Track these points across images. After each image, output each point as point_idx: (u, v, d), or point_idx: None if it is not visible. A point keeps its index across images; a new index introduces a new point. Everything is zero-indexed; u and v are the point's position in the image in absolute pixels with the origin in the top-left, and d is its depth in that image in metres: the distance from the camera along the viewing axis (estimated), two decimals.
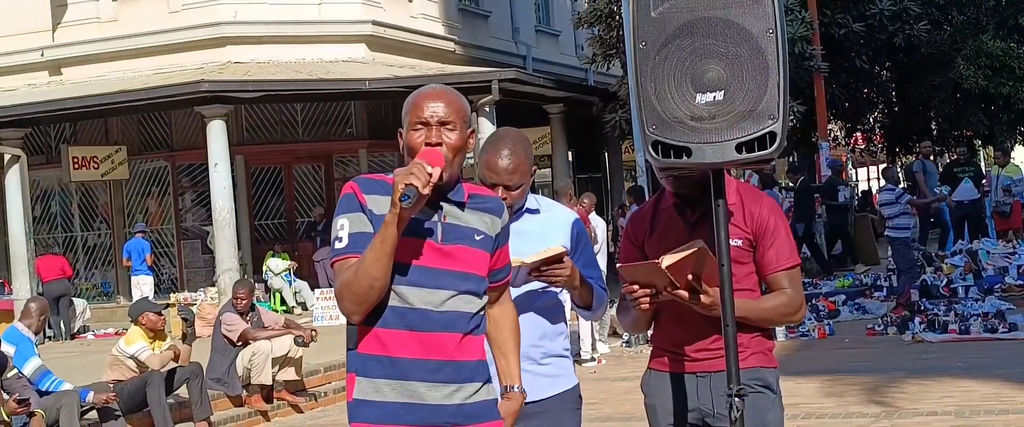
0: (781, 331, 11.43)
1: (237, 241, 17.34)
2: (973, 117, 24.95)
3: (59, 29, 19.93)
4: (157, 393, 9.27)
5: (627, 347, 12.52)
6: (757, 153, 3.23)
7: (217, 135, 16.79)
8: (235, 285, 11.02)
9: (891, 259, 14.76)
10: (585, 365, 11.43)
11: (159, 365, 9.45)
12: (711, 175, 3.36)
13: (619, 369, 11.31)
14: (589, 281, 3.69)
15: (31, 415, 8.25)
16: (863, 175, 42.91)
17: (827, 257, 18.21)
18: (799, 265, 3.64)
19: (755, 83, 3.22)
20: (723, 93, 3.24)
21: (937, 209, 17.95)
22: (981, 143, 30.23)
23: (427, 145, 3.01)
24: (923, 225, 19.57)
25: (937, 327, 11.72)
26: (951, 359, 10.27)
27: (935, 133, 27.29)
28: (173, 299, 15.99)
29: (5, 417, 8.01)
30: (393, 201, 2.87)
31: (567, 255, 3.56)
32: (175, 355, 9.63)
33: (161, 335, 9.84)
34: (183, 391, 9.75)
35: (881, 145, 29.88)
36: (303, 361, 10.74)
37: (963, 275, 14.35)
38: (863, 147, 32.43)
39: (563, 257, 3.53)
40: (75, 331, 17.38)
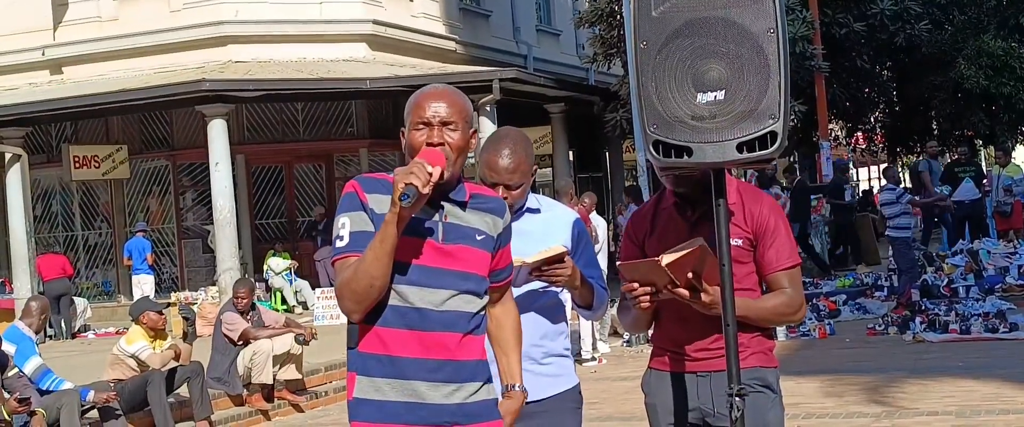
0: (782, 331, 11.42)
1: (238, 240, 17.33)
2: (974, 117, 24.91)
3: (60, 28, 19.93)
4: (158, 392, 9.27)
5: (628, 347, 12.52)
6: (758, 153, 3.23)
7: (218, 134, 16.78)
8: (236, 284, 11.02)
9: (892, 259, 14.76)
10: (586, 365, 11.42)
11: (160, 364, 9.45)
12: (712, 175, 3.36)
13: (620, 369, 11.30)
14: (590, 281, 3.69)
15: (32, 414, 8.25)
16: (864, 175, 42.90)
17: (830, 257, 18.18)
18: (799, 265, 3.64)
19: (756, 83, 3.22)
20: (724, 93, 3.24)
21: (942, 209, 17.93)
22: (982, 143, 30.18)
23: (429, 145, 3.01)
24: (927, 225, 19.56)
25: (938, 327, 11.71)
26: (952, 359, 10.27)
27: (936, 133, 27.26)
28: (174, 298, 16.00)
29: (6, 416, 8.01)
30: (393, 200, 2.86)
31: (568, 255, 3.56)
32: (176, 354, 9.64)
33: (162, 334, 9.84)
34: (184, 390, 9.76)
35: (882, 145, 29.87)
36: (304, 360, 10.75)
37: (964, 275, 14.35)
38: (864, 147, 32.40)
39: (564, 257, 3.53)
40: (76, 330, 17.36)
